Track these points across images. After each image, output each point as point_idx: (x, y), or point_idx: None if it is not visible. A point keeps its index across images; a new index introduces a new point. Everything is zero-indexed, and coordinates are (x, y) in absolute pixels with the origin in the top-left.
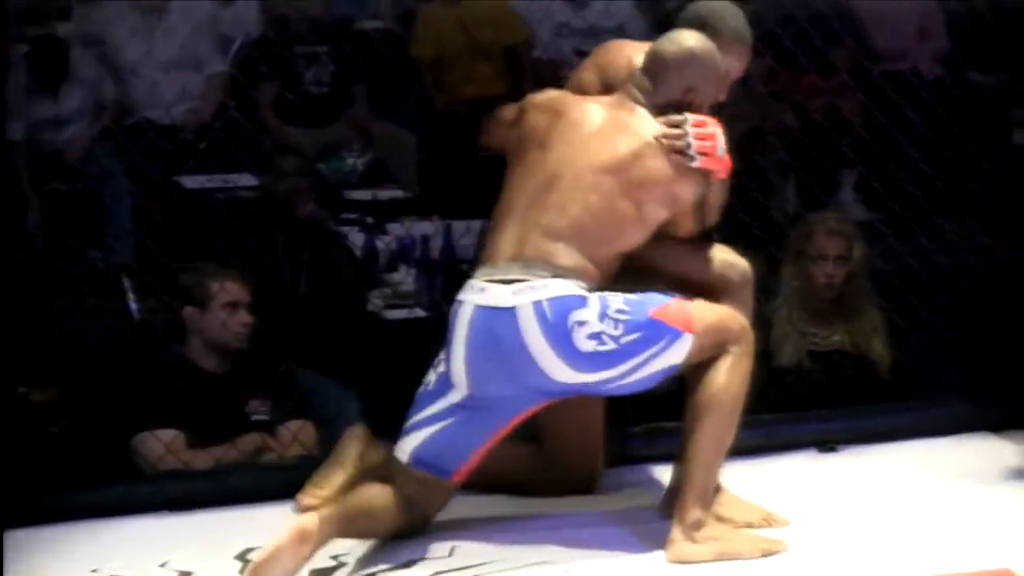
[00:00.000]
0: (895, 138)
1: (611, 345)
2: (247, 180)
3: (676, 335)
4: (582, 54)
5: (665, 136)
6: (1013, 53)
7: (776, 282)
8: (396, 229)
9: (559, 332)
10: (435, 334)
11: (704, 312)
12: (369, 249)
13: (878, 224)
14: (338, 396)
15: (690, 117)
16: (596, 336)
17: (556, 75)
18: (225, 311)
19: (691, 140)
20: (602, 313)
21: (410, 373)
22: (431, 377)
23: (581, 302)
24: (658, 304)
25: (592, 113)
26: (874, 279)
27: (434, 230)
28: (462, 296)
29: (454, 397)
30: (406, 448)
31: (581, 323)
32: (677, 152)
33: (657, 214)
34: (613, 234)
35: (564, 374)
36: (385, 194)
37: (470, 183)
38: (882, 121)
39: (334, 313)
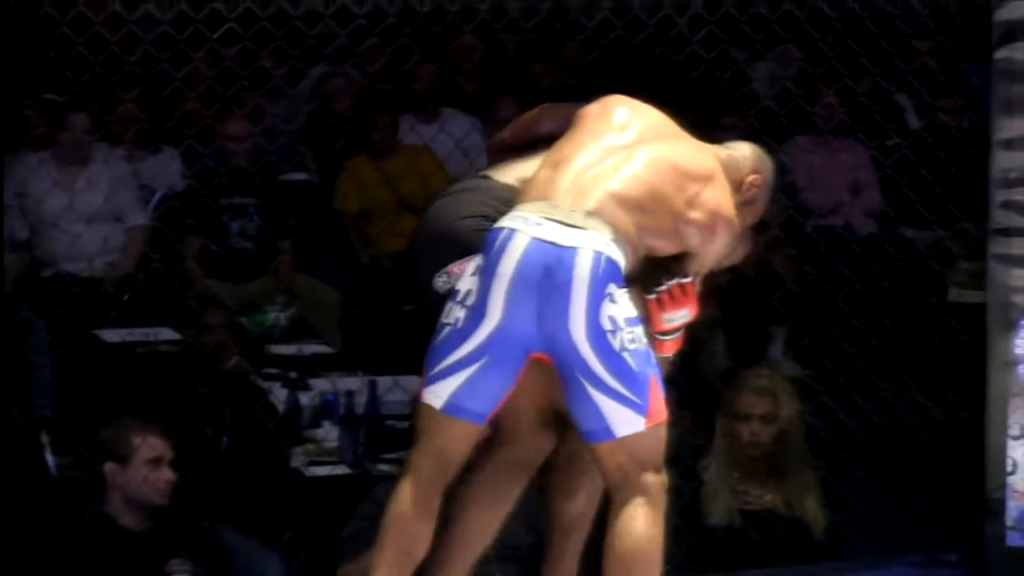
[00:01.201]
0: (827, 294)
1: (615, 342)
2: (169, 334)
3: (641, 409)
4: None
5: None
6: (945, 210)
7: (708, 438)
8: (320, 384)
9: (598, 290)
10: (359, 492)
11: (662, 432)
12: (292, 404)
13: (810, 381)
14: (261, 555)
15: (685, 282)
16: (613, 323)
17: None
18: (147, 467)
19: (666, 285)
20: (630, 319)
21: (333, 531)
22: (459, 314)
23: (621, 282)
24: (655, 376)
25: (674, 125)
26: (807, 437)
27: (359, 386)
28: (511, 224)
29: (485, 329)
30: (441, 393)
31: (614, 300)
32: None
33: (691, 237)
34: (660, 228)
35: (577, 329)
36: (309, 349)
37: (395, 338)
38: (814, 277)
39: (257, 469)
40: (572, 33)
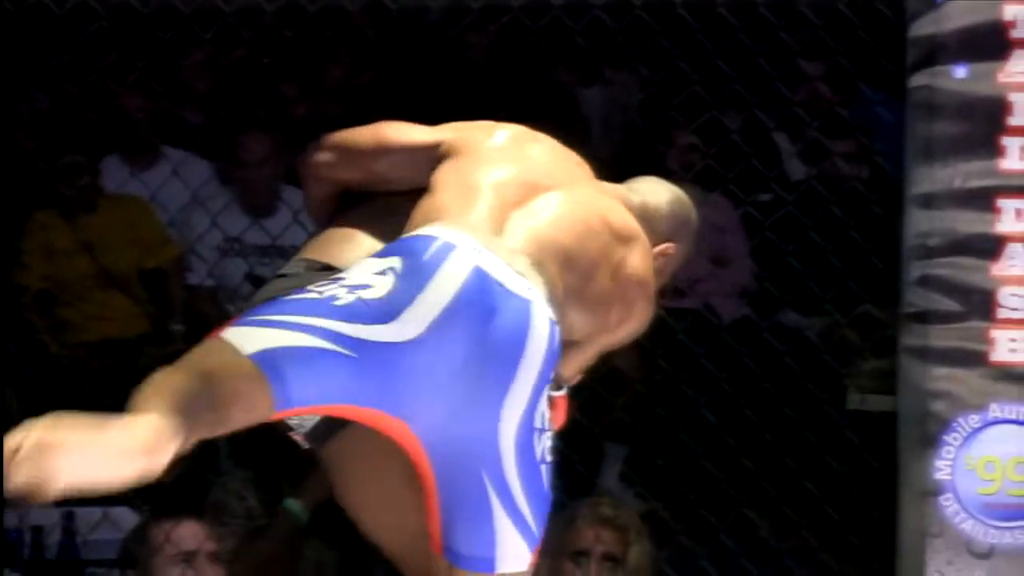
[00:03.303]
0: (685, 399)
1: (538, 449)
2: None
3: (532, 543)
4: (258, 280)
5: None
6: (843, 289)
7: None
8: None
9: (547, 373)
10: None
11: None
12: None
13: (663, 516)
14: None
15: (557, 396)
16: (543, 423)
17: (220, 307)
18: None
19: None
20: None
21: None
22: (336, 291)
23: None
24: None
25: (586, 169)
26: None
27: (51, 520)
28: (446, 235)
29: (380, 331)
30: (253, 338)
31: (550, 395)
32: None
33: (607, 316)
34: (593, 298)
35: (509, 416)
36: None
37: None
38: (664, 376)
39: None
40: (338, 47)
